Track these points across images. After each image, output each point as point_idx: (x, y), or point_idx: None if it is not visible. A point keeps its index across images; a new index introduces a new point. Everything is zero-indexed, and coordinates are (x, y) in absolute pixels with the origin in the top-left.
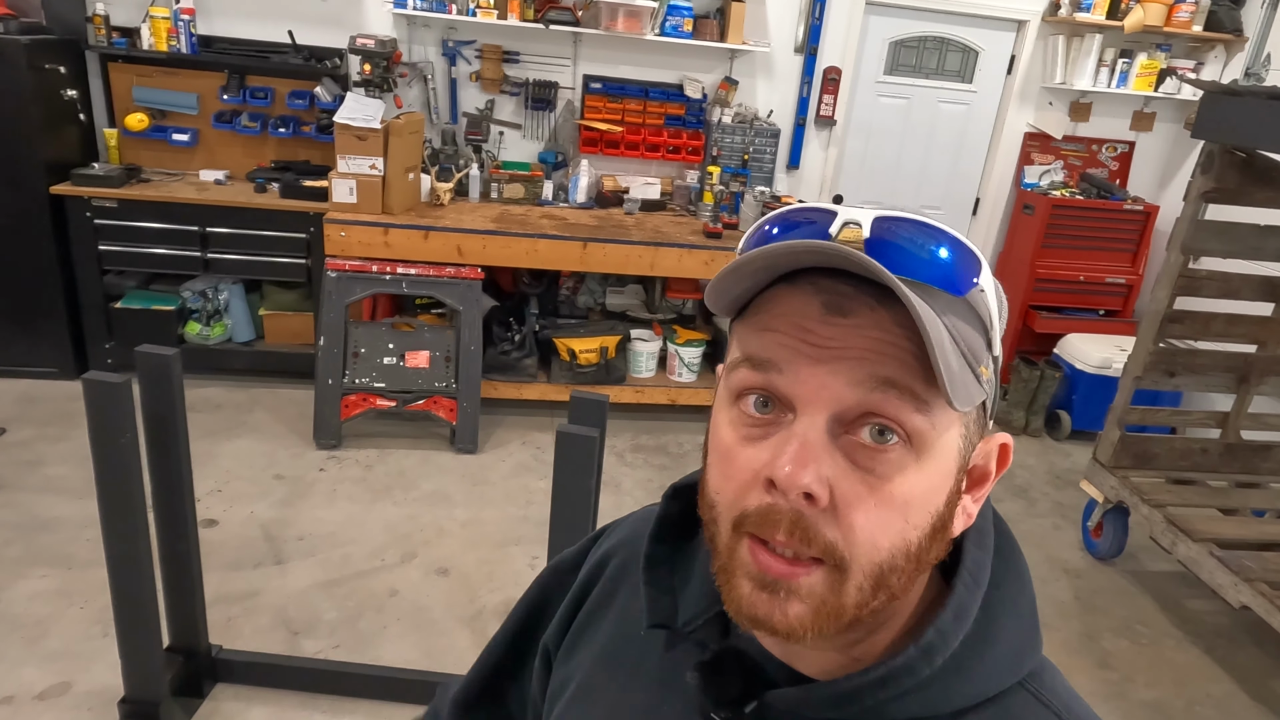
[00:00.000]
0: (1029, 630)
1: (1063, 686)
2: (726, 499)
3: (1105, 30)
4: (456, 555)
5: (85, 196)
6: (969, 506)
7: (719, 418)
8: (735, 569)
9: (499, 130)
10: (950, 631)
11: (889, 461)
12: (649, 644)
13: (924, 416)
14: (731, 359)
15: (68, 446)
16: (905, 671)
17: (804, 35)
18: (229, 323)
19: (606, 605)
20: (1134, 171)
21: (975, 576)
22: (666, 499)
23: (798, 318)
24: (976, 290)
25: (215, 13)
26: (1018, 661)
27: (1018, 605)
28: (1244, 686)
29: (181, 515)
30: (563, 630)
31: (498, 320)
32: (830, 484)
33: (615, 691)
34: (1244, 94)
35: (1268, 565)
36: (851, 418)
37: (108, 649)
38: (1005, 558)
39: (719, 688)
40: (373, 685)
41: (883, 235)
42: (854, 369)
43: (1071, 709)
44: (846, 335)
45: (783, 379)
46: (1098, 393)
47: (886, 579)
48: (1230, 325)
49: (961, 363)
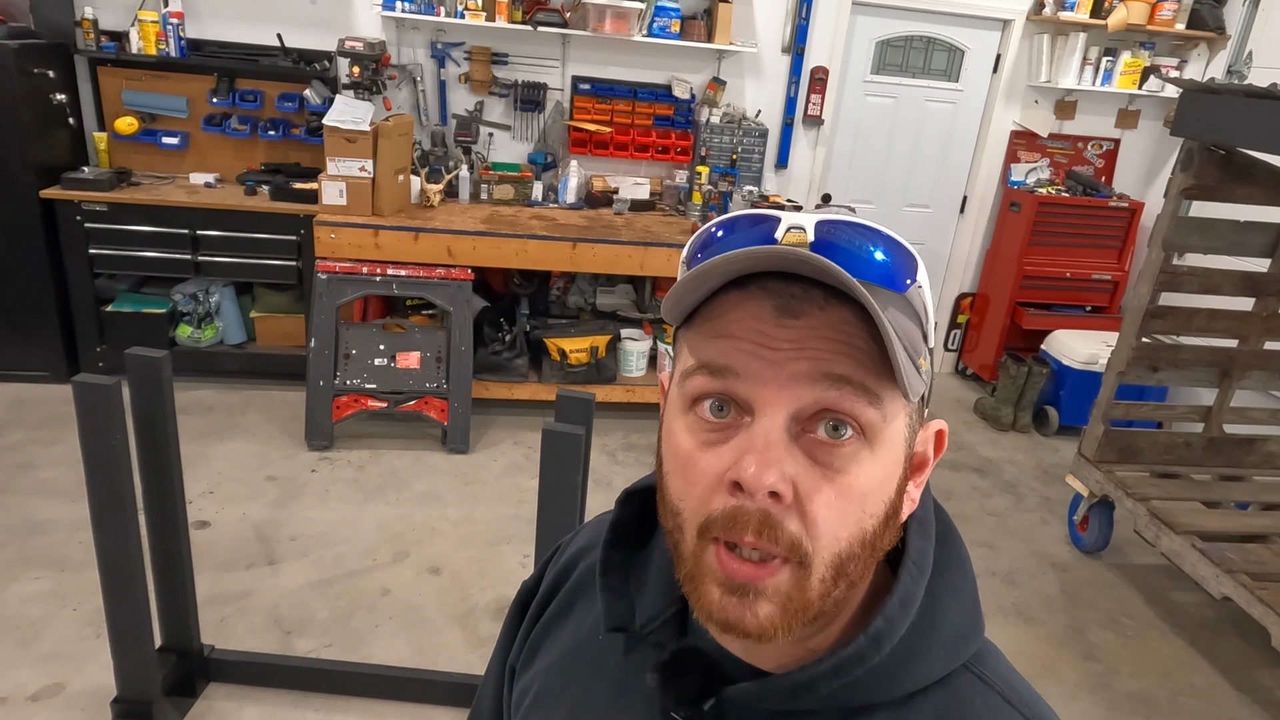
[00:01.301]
0: (971, 614)
1: (1005, 666)
2: (691, 505)
3: (1089, 29)
4: (448, 554)
5: (75, 200)
6: (912, 493)
7: (673, 425)
8: (703, 576)
9: (488, 131)
10: (897, 619)
11: (845, 455)
12: (607, 648)
13: (875, 409)
14: (684, 367)
15: (60, 449)
16: (855, 660)
17: (791, 35)
18: (220, 325)
19: (565, 614)
20: (1119, 169)
21: (919, 564)
22: (620, 504)
23: (752, 322)
24: (914, 287)
25: (204, 16)
26: (962, 645)
27: (960, 590)
28: (1227, 677)
29: (173, 516)
30: (523, 645)
31: (488, 321)
32: (792, 480)
33: (574, 696)
34: (1222, 92)
35: (1249, 557)
36: (808, 415)
37: (100, 650)
38: (946, 545)
39: (679, 687)
40: (365, 683)
41: (826, 238)
42: (809, 368)
43: (1014, 686)
44: (800, 336)
45: (741, 383)
46: (1085, 388)
47: (845, 568)
48: (1212, 320)
49: (906, 356)
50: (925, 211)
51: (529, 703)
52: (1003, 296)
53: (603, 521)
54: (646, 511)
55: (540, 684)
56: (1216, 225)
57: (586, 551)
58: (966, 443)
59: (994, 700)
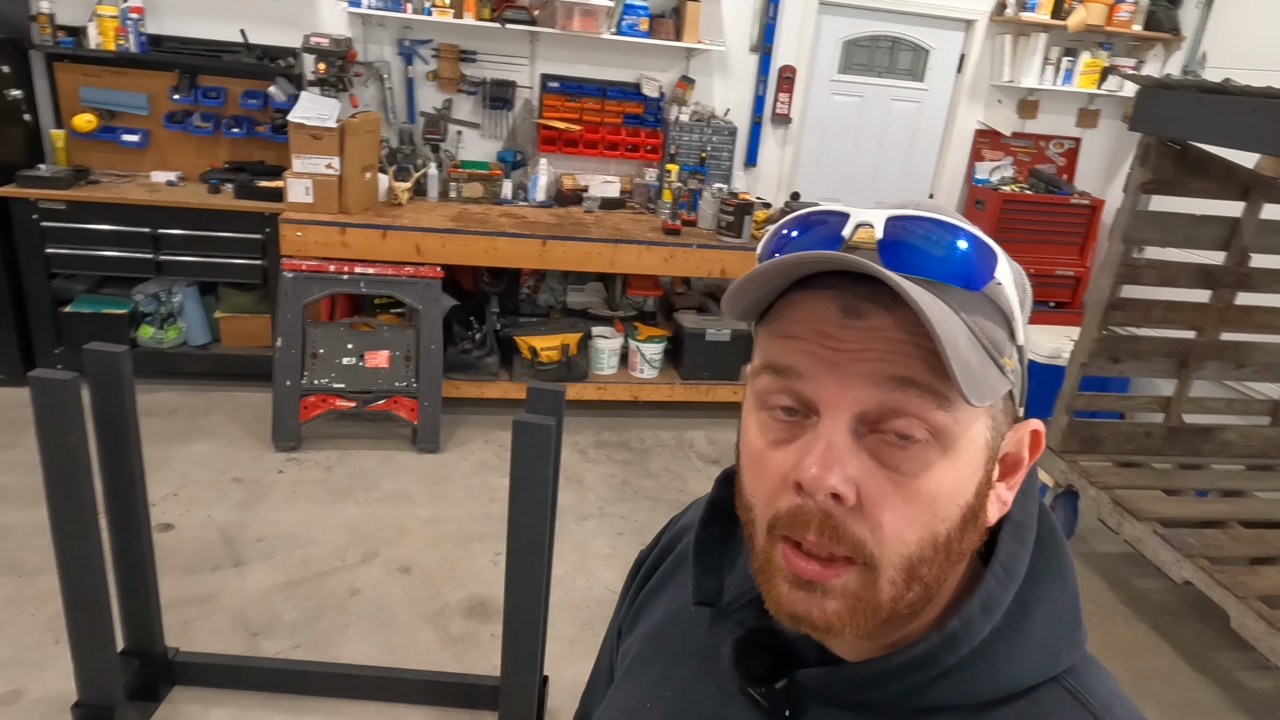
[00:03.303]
0: (1067, 627)
1: (1105, 687)
2: (761, 502)
3: (1050, 29)
4: (419, 553)
5: (31, 199)
6: (1003, 494)
7: (748, 421)
8: (772, 571)
9: (457, 129)
10: (976, 621)
11: (913, 458)
12: (696, 622)
13: (946, 413)
14: (755, 365)
15: (16, 454)
16: (928, 658)
17: (759, 35)
18: (183, 326)
19: (665, 585)
20: (1080, 167)
21: (1008, 569)
22: (719, 484)
23: (816, 323)
24: (994, 284)
25: (165, 12)
26: (1053, 657)
27: (1055, 601)
28: (1188, 660)
29: (134, 516)
30: (629, 611)
31: (458, 319)
32: (857, 483)
33: (663, 664)
34: (1177, 88)
35: (1208, 542)
36: (874, 417)
37: (60, 655)
38: (1047, 553)
39: (750, 664)
40: (334, 683)
41: (896, 235)
42: (873, 370)
43: (1111, 709)
44: (864, 337)
45: (805, 384)
46: (1049, 382)
47: (917, 570)
48: (1170, 312)
49: (982, 357)
50: None
51: (626, 666)
52: None
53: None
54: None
55: (637, 649)
56: (1173, 219)
57: (690, 527)
58: None
59: (1085, 718)
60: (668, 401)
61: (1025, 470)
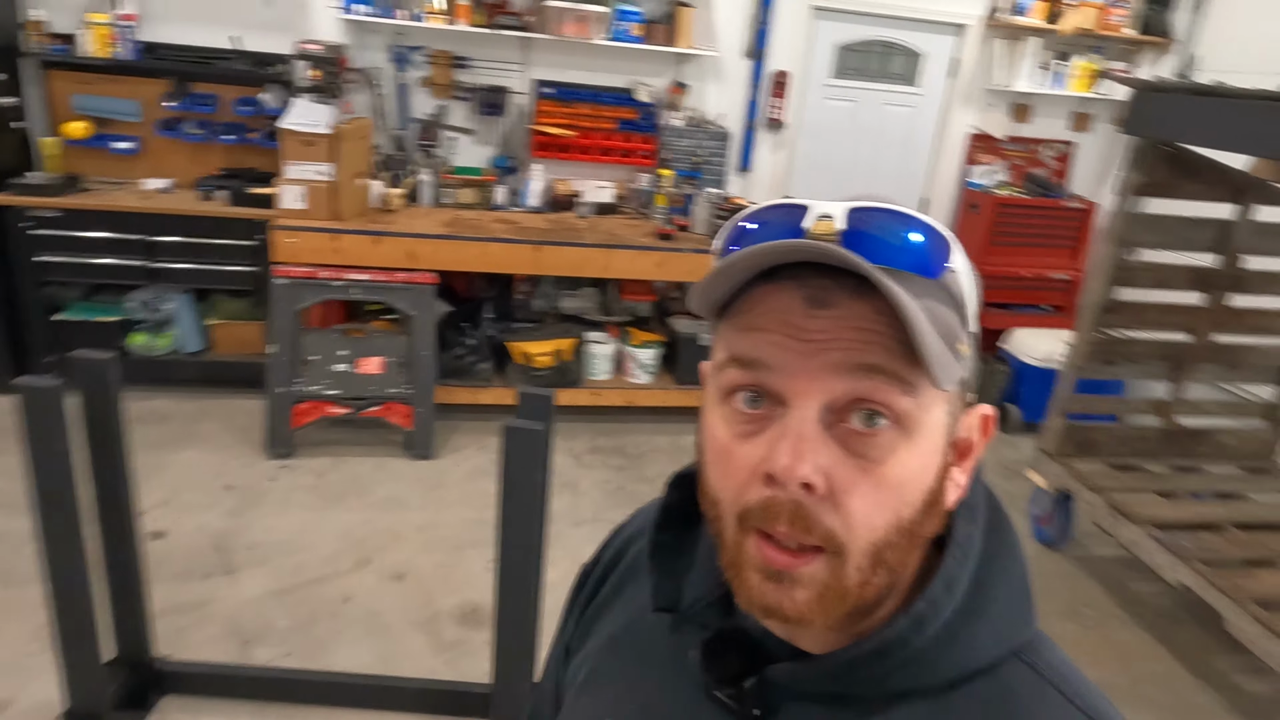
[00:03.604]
0: (1021, 602)
1: (1059, 658)
2: (729, 496)
3: (1042, 34)
4: (412, 560)
5: (22, 206)
6: (958, 478)
7: (711, 417)
8: (743, 564)
9: (450, 136)
10: (941, 601)
11: (880, 445)
12: (656, 629)
13: (910, 398)
14: (719, 359)
15: (8, 460)
16: (898, 642)
17: (752, 40)
18: (176, 333)
19: (617, 596)
20: (1074, 170)
21: (965, 549)
22: (670, 487)
23: (782, 314)
24: (949, 273)
25: (157, 19)
26: (1010, 632)
27: (1009, 578)
28: (1185, 664)
29: (123, 523)
30: (578, 626)
31: (452, 325)
32: (826, 472)
33: (623, 676)
34: (1169, 90)
35: (1204, 545)
36: (841, 405)
37: (48, 665)
38: (997, 531)
39: (720, 665)
40: (326, 691)
41: (857, 226)
42: (841, 359)
43: (1068, 679)
44: (830, 327)
45: (773, 375)
46: (1044, 385)
47: (883, 556)
48: (1164, 315)
49: (940, 343)
50: None
51: (581, 681)
52: None
53: (655, 506)
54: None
55: (592, 663)
56: (1166, 221)
57: (639, 535)
58: None
59: (1045, 690)
60: (662, 407)
61: (978, 454)
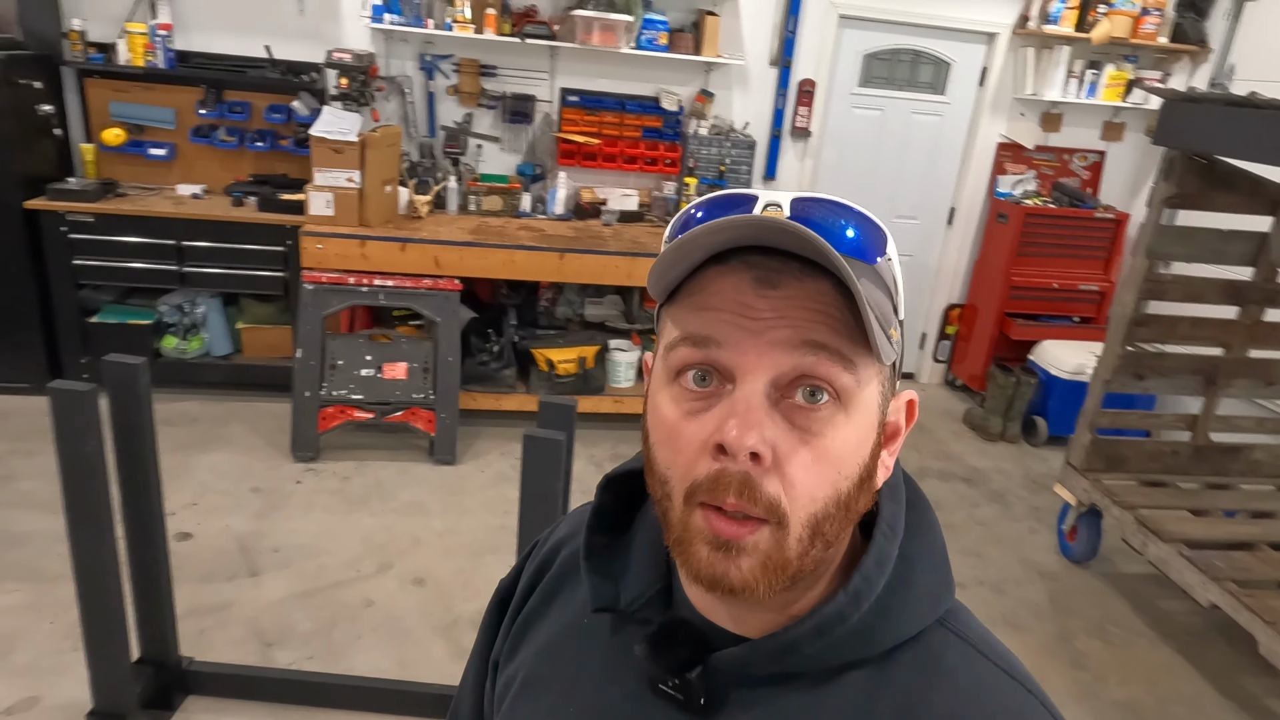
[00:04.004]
0: (942, 574)
1: (976, 623)
2: (678, 472)
3: (1074, 42)
4: (433, 565)
5: (60, 211)
6: (885, 460)
7: (659, 398)
8: (691, 538)
9: (477, 143)
10: (874, 577)
11: (821, 419)
12: (594, 630)
13: (850, 375)
14: (669, 340)
15: (41, 461)
16: (836, 618)
17: (778, 48)
18: (206, 336)
19: (548, 603)
20: (1105, 180)
21: (893, 527)
22: (601, 490)
23: (733, 293)
24: (884, 260)
25: (192, 28)
26: (935, 602)
27: (931, 551)
28: (1215, 684)
29: (151, 525)
30: (505, 639)
31: (476, 331)
32: (772, 444)
33: (563, 678)
34: (1202, 101)
35: (1236, 564)
36: (786, 381)
37: (77, 663)
38: (917, 510)
39: (667, 656)
40: (345, 695)
41: (802, 214)
42: (788, 336)
43: (986, 640)
44: (778, 306)
45: (723, 352)
46: (1073, 398)
47: (821, 528)
48: (1196, 328)
49: (878, 324)
50: (913, 223)
51: (515, 690)
52: (991, 307)
53: (583, 512)
54: (626, 497)
55: (526, 671)
56: (1198, 234)
57: (568, 540)
58: (955, 453)
59: (969, 652)
60: None
61: (903, 438)
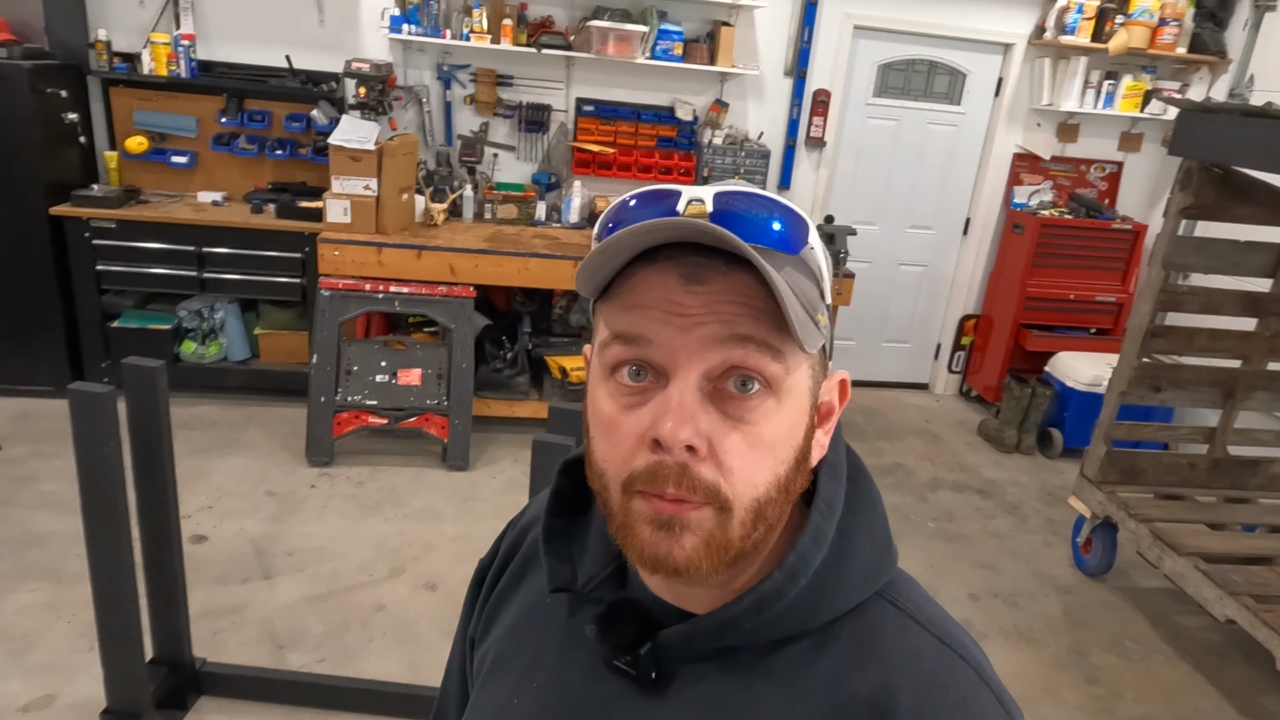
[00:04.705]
0: (883, 547)
1: (918, 593)
2: (615, 465)
3: (1090, 53)
4: (445, 570)
5: (84, 217)
6: (820, 439)
7: (596, 393)
8: (633, 522)
9: (493, 152)
10: (809, 554)
11: (753, 408)
12: (554, 611)
13: (778, 364)
14: (602, 338)
15: (61, 463)
16: (773, 595)
17: (793, 59)
18: (224, 341)
19: (517, 583)
20: (1122, 191)
21: (830, 504)
22: (559, 474)
23: (660, 291)
24: (808, 249)
25: (214, 38)
26: (874, 576)
27: (871, 526)
28: (1233, 702)
29: (166, 526)
30: (480, 617)
31: (490, 338)
32: (706, 435)
33: (526, 657)
34: (1219, 111)
35: (1254, 579)
36: (718, 374)
37: (93, 662)
38: (858, 486)
39: (615, 635)
40: (357, 698)
41: (724, 208)
42: (716, 331)
43: (924, 609)
44: (705, 301)
45: (654, 349)
46: (1089, 410)
47: (764, 511)
48: (1214, 340)
49: (803, 313)
50: (928, 233)
51: (487, 669)
52: (1006, 318)
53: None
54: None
55: (496, 649)
56: (1216, 245)
57: (535, 523)
58: (970, 464)
59: (905, 623)
60: None
61: (837, 416)
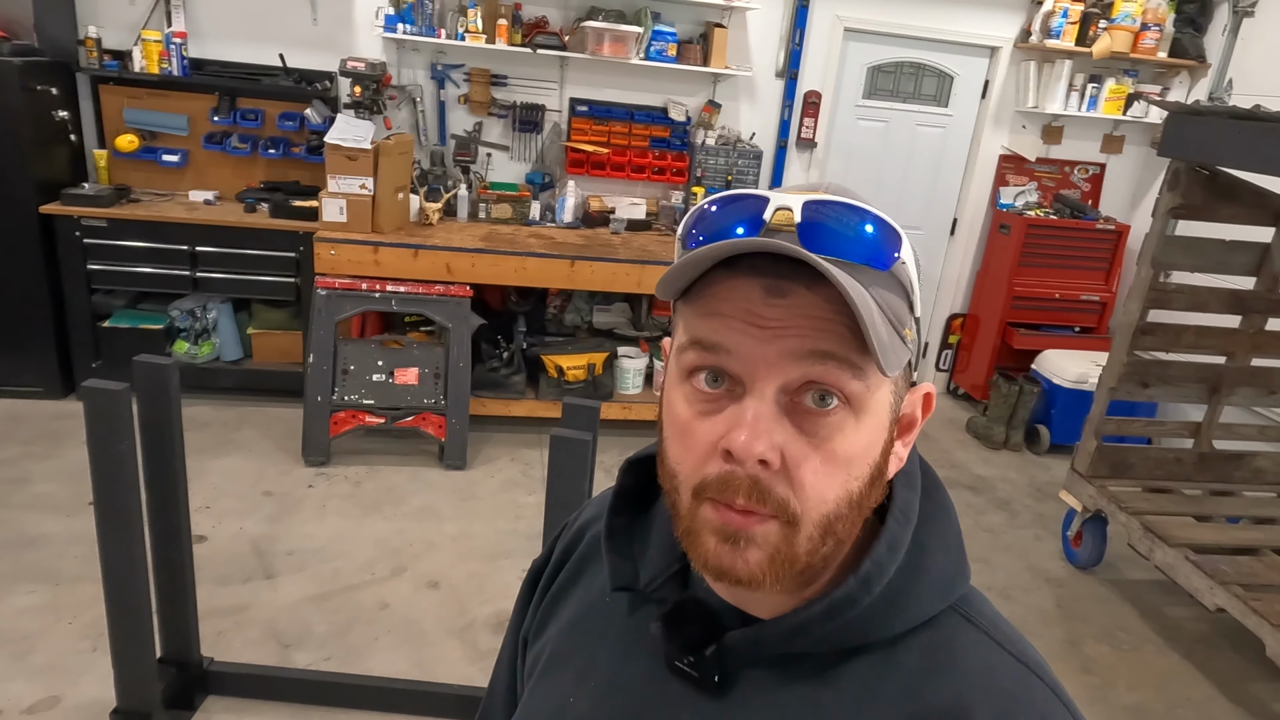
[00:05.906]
0: (957, 560)
1: (990, 610)
2: (687, 470)
3: (1075, 56)
4: (446, 569)
5: (74, 216)
6: (899, 451)
7: (672, 395)
8: (699, 529)
9: (487, 152)
10: (885, 562)
11: (830, 424)
12: (614, 609)
13: (859, 381)
14: (680, 341)
15: (54, 464)
16: (846, 602)
17: (785, 60)
18: (217, 341)
19: (574, 582)
20: (1105, 192)
21: (905, 513)
22: (622, 473)
23: (741, 301)
24: (899, 263)
25: (207, 36)
26: (948, 588)
27: (945, 537)
28: (1223, 690)
29: (176, 525)
30: (534, 616)
31: (486, 338)
32: (781, 449)
33: (584, 655)
34: (1206, 113)
35: (1242, 569)
36: (795, 387)
37: (97, 662)
38: (932, 496)
39: (682, 635)
40: (364, 696)
41: (813, 218)
42: (796, 345)
43: (998, 626)
44: (786, 314)
45: (732, 359)
46: (1075, 407)
47: (833, 526)
48: (1200, 337)
49: (890, 330)
50: (916, 233)
51: (542, 667)
52: (993, 317)
53: (607, 494)
54: (647, 480)
55: (552, 648)
56: (1203, 244)
57: (593, 522)
58: (959, 461)
59: (979, 638)
60: None
61: (918, 429)
